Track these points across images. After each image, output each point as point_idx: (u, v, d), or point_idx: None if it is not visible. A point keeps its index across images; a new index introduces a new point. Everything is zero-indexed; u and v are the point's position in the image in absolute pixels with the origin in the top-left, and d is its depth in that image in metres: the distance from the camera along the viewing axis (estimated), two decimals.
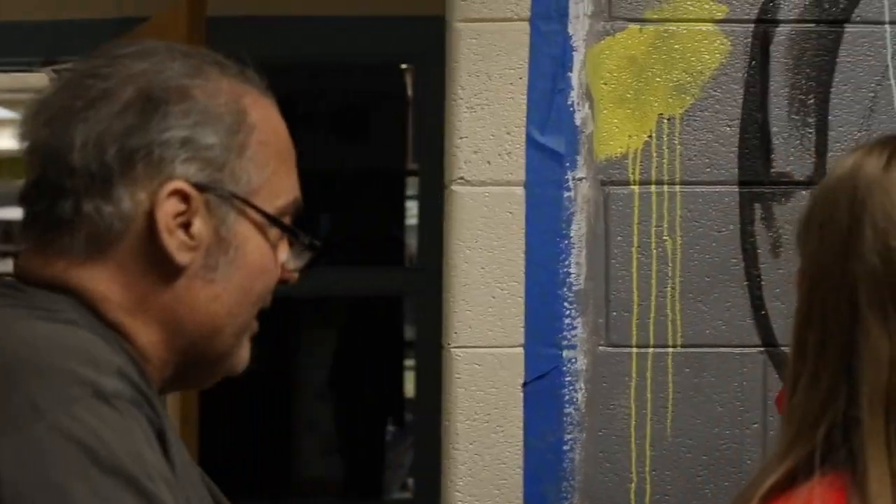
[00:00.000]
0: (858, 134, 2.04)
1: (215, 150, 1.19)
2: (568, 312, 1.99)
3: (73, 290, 1.17)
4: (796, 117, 2.03)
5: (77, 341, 1.10)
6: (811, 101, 2.04)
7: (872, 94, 2.04)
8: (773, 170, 2.04)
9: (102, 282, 1.17)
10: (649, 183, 2.01)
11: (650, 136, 2.02)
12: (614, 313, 2.01)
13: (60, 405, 1.02)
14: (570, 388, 1.99)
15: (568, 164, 2.00)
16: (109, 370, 1.06)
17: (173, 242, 1.17)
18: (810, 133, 2.04)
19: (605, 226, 2.01)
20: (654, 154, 2.02)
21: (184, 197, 1.17)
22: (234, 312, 1.22)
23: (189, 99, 1.19)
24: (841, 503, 1.17)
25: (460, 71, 2.00)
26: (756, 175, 2.03)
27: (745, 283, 2.03)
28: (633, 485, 2.00)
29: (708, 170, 2.02)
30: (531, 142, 2.00)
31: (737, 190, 2.03)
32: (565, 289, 1.99)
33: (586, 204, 2.00)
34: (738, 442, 2.02)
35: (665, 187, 2.01)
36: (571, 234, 2.00)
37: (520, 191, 2.00)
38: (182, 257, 1.17)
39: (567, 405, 1.99)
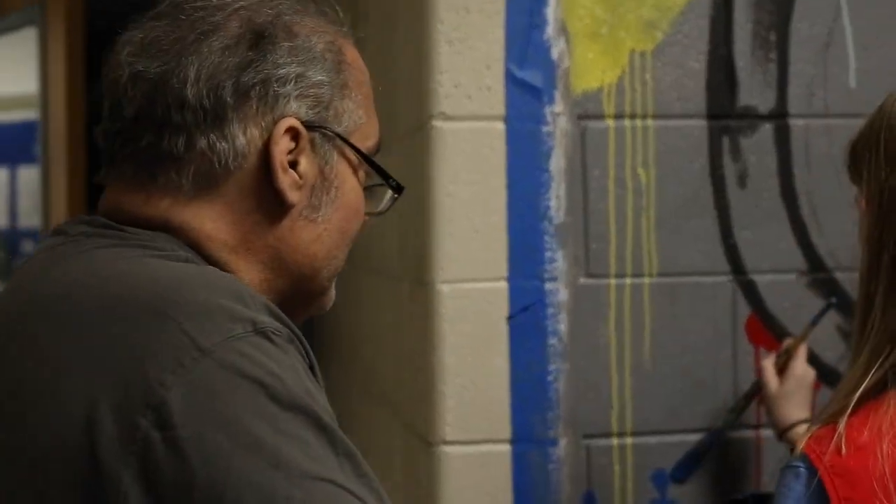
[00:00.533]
0: (815, 70, 2.12)
1: (324, 87, 1.17)
2: (549, 245, 2.02)
3: (176, 229, 1.13)
4: (759, 52, 2.10)
5: (216, 277, 1.06)
6: (772, 37, 2.11)
7: (828, 31, 2.13)
8: (738, 104, 2.10)
9: (209, 220, 1.14)
10: (623, 117, 2.05)
11: (623, 71, 2.06)
12: (593, 245, 2.04)
13: (224, 342, 0.97)
14: (553, 319, 2.02)
15: (546, 99, 2.02)
16: (259, 306, 1.02)
17: (287, 181, 1.14)
18: (772, 67, 2.11)
19: (582, 160, 2.04)
20: (628, 88, 2.06)
21: (294, 135, 1.14)
22: (333, 254, 1.20)
23: (295, 36, 1.17)
24: None
25: (439, 5, 2.00)
26: (723, 109, 2.09)
27: (715, 213, 2.09)
28: (614, 412, 2.05)
29: (678, 103, 2.08)
30: (510, 77, 2.01)
31: (705, 123, 2.09)
32: (546, 222, 2.02)
33: (564, 138, 2.02)
34: (712, 368, 2.09)
35: (638, 121, 2.06)
36: (551, 169, 2.02)
37: (500, 126, 2.01)
38: (293, 196, 1.15)
39: (551, 336, 2.02)
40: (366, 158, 1.21)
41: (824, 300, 2.12)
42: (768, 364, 1.99)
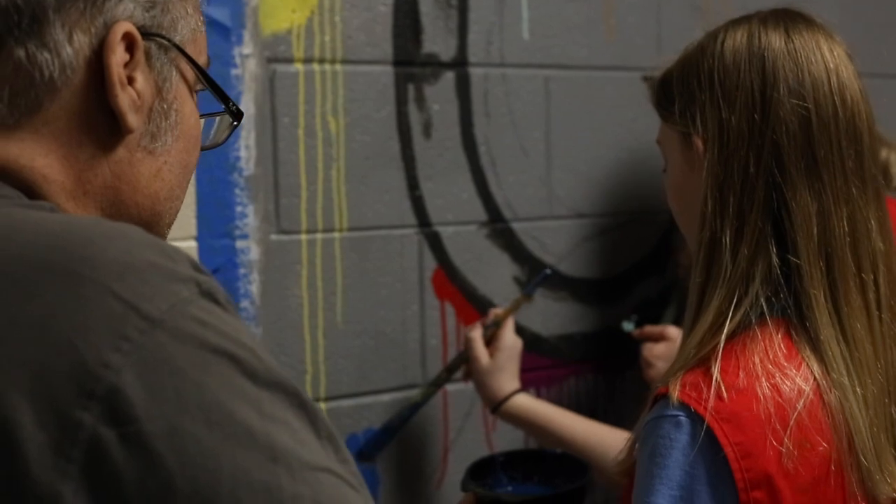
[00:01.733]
0: (493, 19, 2.09)
1: None
2: (239, 200, 1.85)
3: (3, 170, 0.89)
4: None
5: (123, 227, 0.85)
6: None
7: None
8: (423, 51, 2.03)
9: (39, 156, 0.91)
10: (313, 61, 1.92)
11: (313, 12, 1.92)
12: (284, 199, 1.90)
13: (173, 308, 0.77)
14: (245, 280, 1.86)
15: (234, 39, 1.84)
16: (184, 260, 0.82)
17: (126, 100, 0.93)
18: (454, 14, 2.06)
19: (271, 106, 1.88)
20: (317, 31, 1.92)
21: (129, 44, 0.93)
22: (175, 193, 1.00)
23: None
24: (788, 342, 1.24)
25: None
26: (409, 55, 2.01)
27: (402, 164, 2.01)
28: (308, 376, 1.93)
29: (367, 49, 1.97)
30: None
31: (392, 70, 1.99)
32: (236, 174, 1.84)
33: (254, 82, 1.86)
34: (401, 323, 2.02)
35: (328, 66, 1.93)
36: None
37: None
38: (133, 119, 0.94)
39: (242, 298, 1.86)
40: (206, 76, 1.02)
41: (504, 251, 2.11)
42: (477, 336, 1.93)
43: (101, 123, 0.93)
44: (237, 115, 1.08)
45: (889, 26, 2.69)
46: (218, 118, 1.09)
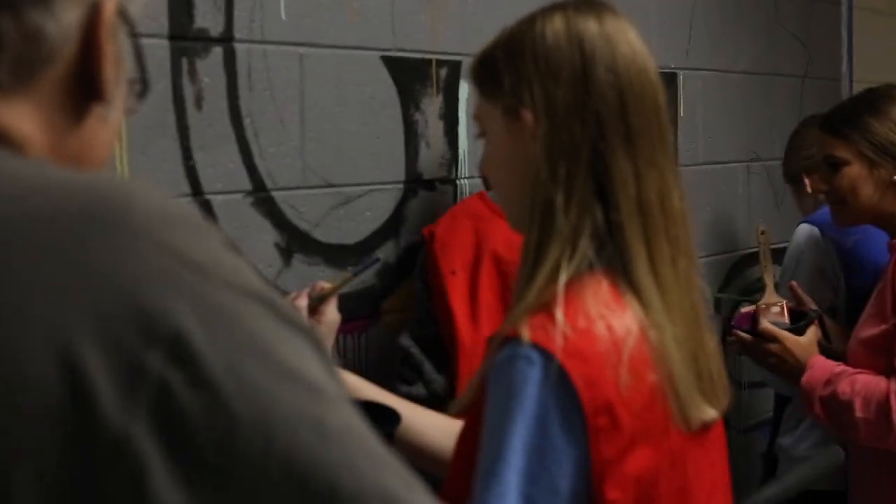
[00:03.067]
0: None
1: None
2: None
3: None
4: None
5: (141, 184, 0.91)
6: None
7: None
8: (195, 25, 2.11)
9: (27, 120, 0.93)
10: None
11: None
12: None
13: (212, 257, 0.83)
14: None
15: None
16: (200, 215, 0.89)
17: (112, 74, 0.96)
18: None
19: None
20: None
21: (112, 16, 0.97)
22: (109, 163, 1.04)
23: None
24: (613, 289, 1.44)
25: None
26: (183, 30, 2.08)
27: (177, 134, 2.08)
28: None
29: (146, 21, 2.02)
30: None
31: (168, 44, 2.06)
32: None
33: None
34: None
35: None
36: None
37: None
38: (113, 91, 0.97)
39: None
40: (137, 47, 1.03)
41: (266, 219, 2.22)
42: (303, 306, 1.92)
43: (76, 93, 0.95)
44: (145, 88, 1.09)
45: None
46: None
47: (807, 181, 3.23)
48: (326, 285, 1.99)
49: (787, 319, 2.75)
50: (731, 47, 3.77)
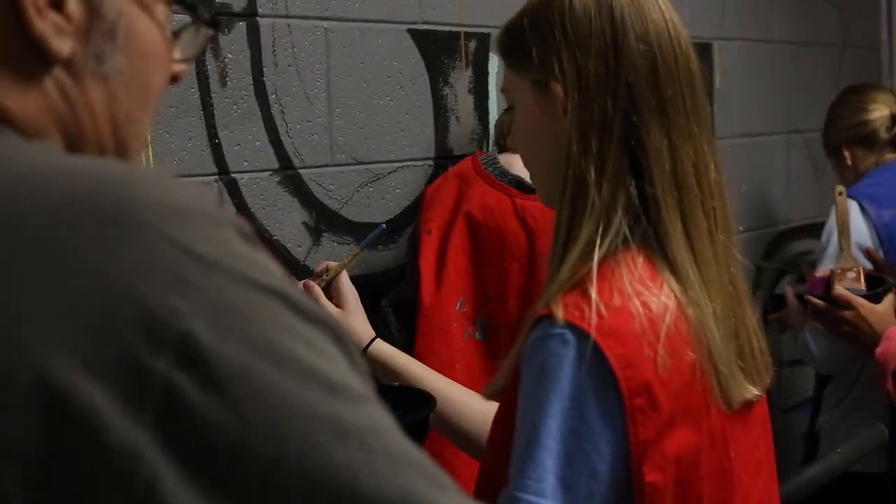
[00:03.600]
0: None
1: None
2: None
3: None
4: None
5: (149, 171, 0.85)
6: None
7: None
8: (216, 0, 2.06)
9: (10, 97, 0.87)
10: None
11: None
12: None
13: (224, 250, 0.78)
14: None
15: None
16: (216, 203, 0.82)
17: (46, 26, 0.87)
18: None
19: None
20: None
21: None
22: (134, 118, 0.95)
23: None
24: (649, 265, 1.39)
25: None
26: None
27: (202, 112, 2.04)
28: None
29: None
30: None
31: (186, 18, 2.01)
32: None
33: None
34: None
35: None
36: None
37: None
38: (60, 45, 0.88)
39: None
40: None
41: (294, 197, 2.18)
42: (313, 284, 1.89)
43: (37, 54, 0.87)
44: (212, 23, 1.04)
45: None
46: (192, 29, 1.03)
47: (846, 153, 3.16)
48: (333, 264, 1.93)
49: (863, 286, 2.61)
50: (766, 16, 3.69)
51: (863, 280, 2.59)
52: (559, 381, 1.32)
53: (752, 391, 1.45)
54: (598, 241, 1.39)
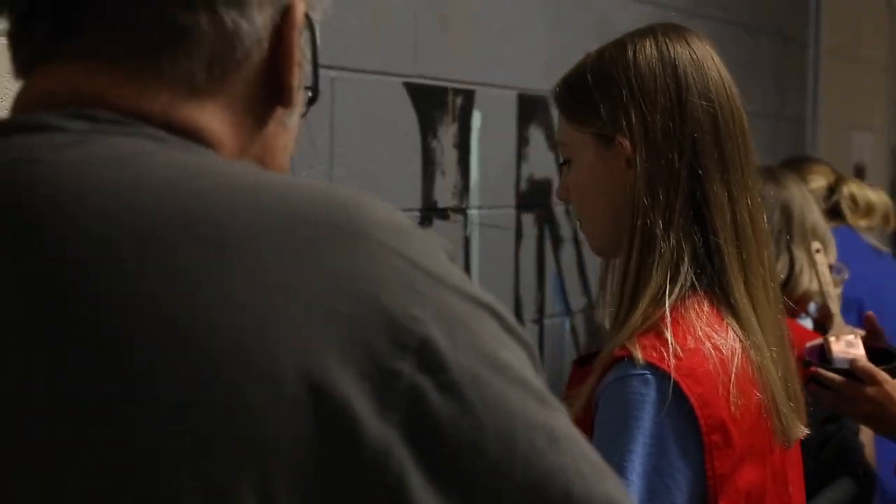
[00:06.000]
0: None
1: None
2: None
3: (182, 130, 0.90)
4: None
5: (369, 194, 0.91)
6: None
7: None
8: None
9: (216, 120, 0.92)
10: None
11: None
12: None
13: (444, 266, 0.83)
14: None
15: None
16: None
17: (298, 79, 0.95)
18: None
19: None
20: None
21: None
22: (289, 167, 1.03)
23: None
24: (713, 310, 1.47)
25: None
26: None
27: None
28: None
29: None
30: None
31: None
32: None
33: None
34: None
35: None
36: None
37: None
38: (298, 96, 0.96)
39: None
40: (315, 54, 1.01)
41: None
42: None
43: (262, 97, 0.94)
44: (316, 93, 1.12)
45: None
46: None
47: None
48: None
49: (863, 354, 2.20)
50: None
51: (862, 347, 2.17)
52: (641, 419, 1.38)
53: (803, 430, 1.53)
54: (667, 288, 1.46)
